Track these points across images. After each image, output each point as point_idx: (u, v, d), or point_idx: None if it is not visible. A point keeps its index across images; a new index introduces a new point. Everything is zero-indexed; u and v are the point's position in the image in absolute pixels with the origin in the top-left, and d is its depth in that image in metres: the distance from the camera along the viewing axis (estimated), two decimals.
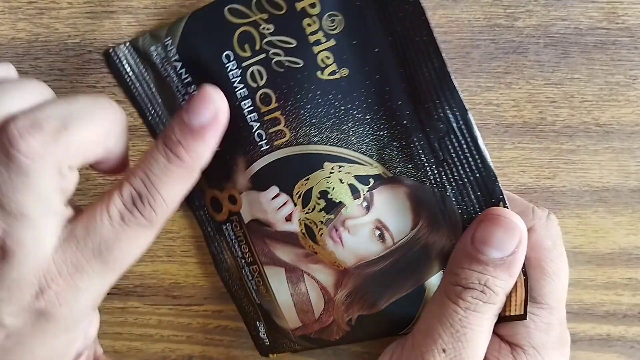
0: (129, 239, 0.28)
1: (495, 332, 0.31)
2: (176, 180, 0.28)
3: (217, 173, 0.34)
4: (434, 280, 0.33)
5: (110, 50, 0.34)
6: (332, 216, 0.33)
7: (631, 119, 0.35)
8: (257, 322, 0.38)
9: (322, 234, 0.33)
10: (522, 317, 0.30)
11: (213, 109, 0.28)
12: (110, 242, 0.27)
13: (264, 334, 0.38)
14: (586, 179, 0.36)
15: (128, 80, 0.34)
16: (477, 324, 0.30)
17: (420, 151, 0.31)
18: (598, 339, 0.39)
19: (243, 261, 0.36)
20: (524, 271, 0.30)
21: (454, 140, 0.31)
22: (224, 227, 0.36)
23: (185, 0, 0.34)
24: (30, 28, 0.34)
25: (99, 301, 0.30)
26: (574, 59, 0.35)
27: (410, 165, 0.32)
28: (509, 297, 0.30)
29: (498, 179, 0.31)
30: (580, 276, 0.38)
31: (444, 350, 0.30)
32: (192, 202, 0.36)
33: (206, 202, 0.36)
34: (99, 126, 0.27)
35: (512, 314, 0.31)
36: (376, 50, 0.31)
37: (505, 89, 0.35)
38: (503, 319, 0.31)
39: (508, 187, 0.36)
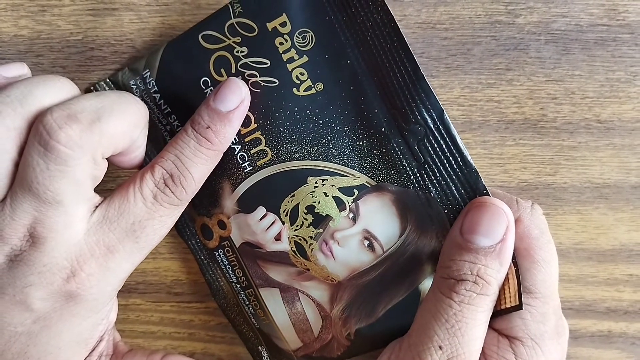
0: (160, 218, 0.30)
1: (492, 327, 0.31)
2: (205, 161, 0.30)
3: (205, 200, 0.34)
4: (427, 283, 0.33)
5: (92, 88, 0.34)
6: (320, 230, 0.33)
7: (632, 116, 0.35)
8: (260, 347, 0.38)
9: (312, 249, 0.33)
10: (518, 307, 0.30)
11: (239, 96, 0.30)
12: (144, 221, 0.30)
13: (267, 358, 0.38)
14: (587, 175, 0.36)
15: None
16: (472, 318, 0.30)
17: (401, 156, 0.32)
18: (599, 335, 0.39)
19: (238, 286, 0.36)
20: (514, 261, 0.30)
21: (433, 141, 0.31)
22: (217, 254, 0.36)
23: None
24: (33, 25, 0.35)
25: (122, 283, 0.31)
26: (575, 56, 0.35)
27: (392, 172, 0.32)
28: (502, 289, 0.30)
29: (480, 175, 0.31)
30: (582, 272, 0.38)
31: (440, 347, 0.30)
32: (183, 232, 0.36)
33: (197, 230, 0.36)
34: (127, 118, 0.29)
35: (507, 306, 0.31)
36: (348, 61, 0.31)
37: (506, 85, 0.35)
38: (499, 312, 0.31)
39: (509, 183, 0.36)
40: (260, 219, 0.34)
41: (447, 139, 0.31)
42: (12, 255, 0.28)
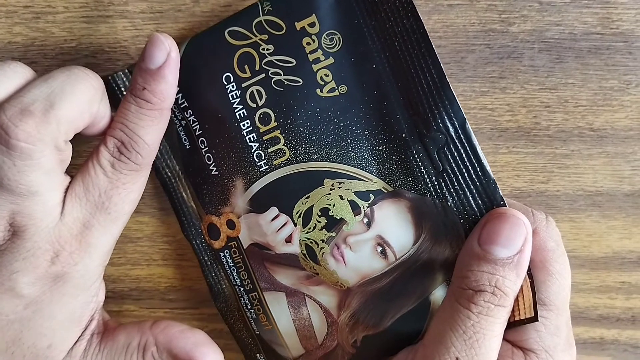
0: (124, 185, 0.31)
1: (506, 339, 0.32)
2: (151, 122, 0.31)
3: (215, 198, 0.34)
4: (438, 293, 0.33)
5: (109, 78, 0.34)
6: (333, 234, 0.33)
7: (625, 124, 0.35)
8: (258, 355, 0.37)
9: (323, 253, 0.33)
10: (534, 319, 0.31)
11: (164, 49, 0.30)
12: (109, 190, 0.31)
13: None
14: (580, 183, 0.36)
15: None
16: (489, 329, 0.30)
17: (420, 163, 0.31)
18: (591, 342, 0.39)
19: (242, 289, 0.36)
20: (529, 273, 0.30)
21: (453, 150, 0.31)
22: (222, 255, 0.35)
23: (181, 5, 0.34)
24: (27, 32, 0.34)
25: (107, 258, 0.32)
26: (568, 64, 0.35)
27: (410, 179, 0.32)
28: (516, 301, 0.31)
29: (498, 186, 0.31)
30: (574, 280, 0.38)
31: (457, 359, 0.30)
32: (187, 231, 0.36)
33: (203, 230, 0.36)
34: (81, 96, 0.29)
35: (522, 317, 0.31)
36: (374, 66, 0.31)
37: (499, 93, 0.35)
38: (514, 323, 0.31)
39: (502, 191, 0.36)
40: (272, 220, 0.33)
41: (468, 148, 0.31)
42: None
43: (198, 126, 0.33)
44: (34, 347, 0.31)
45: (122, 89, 0.34)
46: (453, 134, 0.31)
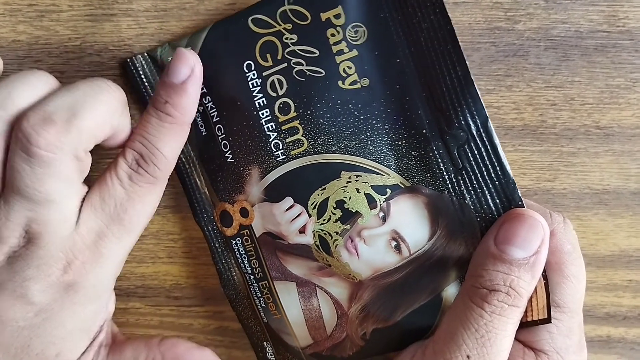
0: (140, 197, 0.31)
1: (517, 339, 0.31)
2: (171, 136, 0.31)
3: (229, 185, 0.34)
4: (450, 290, 0.33)
5: (128, 60, 0.34)
6: (348, 226, 0.33)
7: (631, 122, 0.35)
8: (265, 343, 0.37)
9: (337, 245, 0.33)
10: (547, 320, 0.31)
11: (189, 65, 0.30)
12: (125, 202, 0.30)
13: (271, 355, 0.37)
14: (586, 181, 0.36)
15: (144, 90, 0.34)
16: (502, 329, 0.30)
17: (439, 160, 0.31)
18: (598, 340, 0.39)
19: (252, 277, 0.35)
20: (544, 275, 0.30)
21: (473, 148, 0.31)
22: (233, 242, 0.35)
23: (186, 3, 0.34)
24: (31, 31, 0.34)
25: (119, 269, 0.32)
26: (575, 62, 0.35)
27: (428, 175, 0.32)
28: (530, 302, 0.31)
29: (517, 186, 0.31)
30: None
31: (468, 357, 0.30)
32: (200, 217, 0.36)
33: (215, 217, 0.35)
34: (103, 108, 0.29)
35: (534, 318, 0.31)
36: (398, 60, 0.31)
37: (505, 91, 0.35)
38: (526, 323, 0.31)
39: None
40: (287, 210, 0.33)
41: (489, 146, 0.31)
42: (11, 253, 0.29)
43: (216, 113, 0.33)
44: (42, 354, 0.31)
45: (140, 72, 0.34)
46: (474, 132, 0.31)
